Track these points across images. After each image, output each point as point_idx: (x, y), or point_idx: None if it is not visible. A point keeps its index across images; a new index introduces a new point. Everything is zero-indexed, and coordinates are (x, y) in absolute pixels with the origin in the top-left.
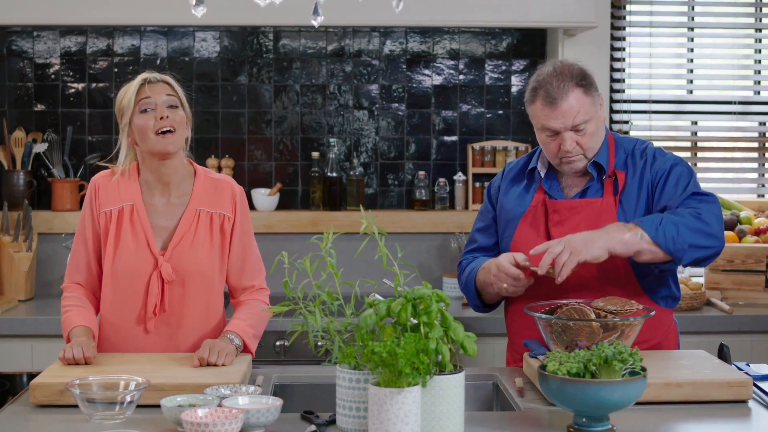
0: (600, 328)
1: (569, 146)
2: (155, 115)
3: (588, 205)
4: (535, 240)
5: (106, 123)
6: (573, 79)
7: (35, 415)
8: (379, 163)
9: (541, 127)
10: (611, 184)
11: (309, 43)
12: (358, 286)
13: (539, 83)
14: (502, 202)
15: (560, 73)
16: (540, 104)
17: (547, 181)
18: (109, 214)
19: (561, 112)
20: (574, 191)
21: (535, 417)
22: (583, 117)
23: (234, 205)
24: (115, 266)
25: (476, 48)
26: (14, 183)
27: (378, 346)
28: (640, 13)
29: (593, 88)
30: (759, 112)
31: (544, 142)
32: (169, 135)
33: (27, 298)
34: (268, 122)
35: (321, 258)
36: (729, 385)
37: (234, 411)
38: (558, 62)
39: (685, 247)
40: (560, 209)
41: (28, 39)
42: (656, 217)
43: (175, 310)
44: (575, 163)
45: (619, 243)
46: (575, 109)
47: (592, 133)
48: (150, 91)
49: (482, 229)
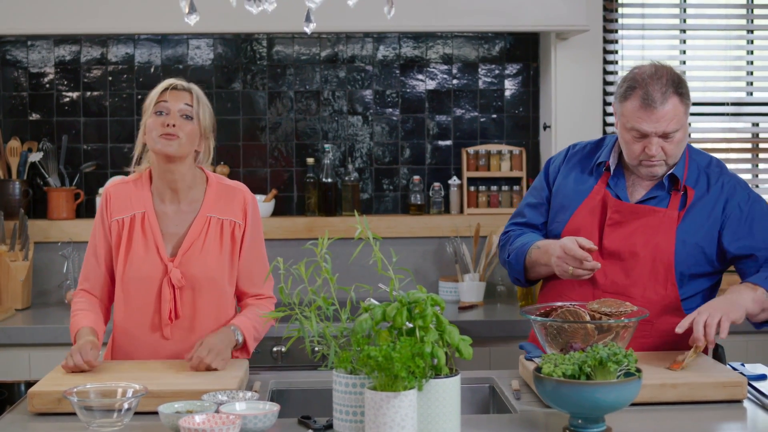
0: (595, 329)
1: (655, 151)
2: (165, 120)
3: (651, 212)
4: (589, 233)
5: (101, 131)
6: (673, 84)
7: (33, 423)
8: (373, 168)
9: (631, 127)
10: (678, 198)
11: (302, 49)
12: (353, 291)
13: (638, 82)
14: (561, 184)
15: (661, 77)
16: (636, 104)
17: (614, 178)
18: (121, 222)
19: (657, 117)
20: (639, 194)
21: (531, 419)
22: (676, 125)
23: (245, 212)
24: (126, 273)
25: (469, 52)
26: (10, 192)
27: (374, 351)
28: (632, 16)
29: (687, 97)
30: (752, 113)
31: (628, 142)
32: (172, 138)
33: (24, 307)
34: (263, 129)
35: (316, 263)
36: (724, 386)
37: (231, 417)
38: (658, 64)
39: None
40: (622, 210)
41: (22, 48)
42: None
43: (188, 315)
44: (656, 167)
45: (752, 302)
46: (671, 116)
47: (679, 140)
48: (169, 96)
49: (534, 205)
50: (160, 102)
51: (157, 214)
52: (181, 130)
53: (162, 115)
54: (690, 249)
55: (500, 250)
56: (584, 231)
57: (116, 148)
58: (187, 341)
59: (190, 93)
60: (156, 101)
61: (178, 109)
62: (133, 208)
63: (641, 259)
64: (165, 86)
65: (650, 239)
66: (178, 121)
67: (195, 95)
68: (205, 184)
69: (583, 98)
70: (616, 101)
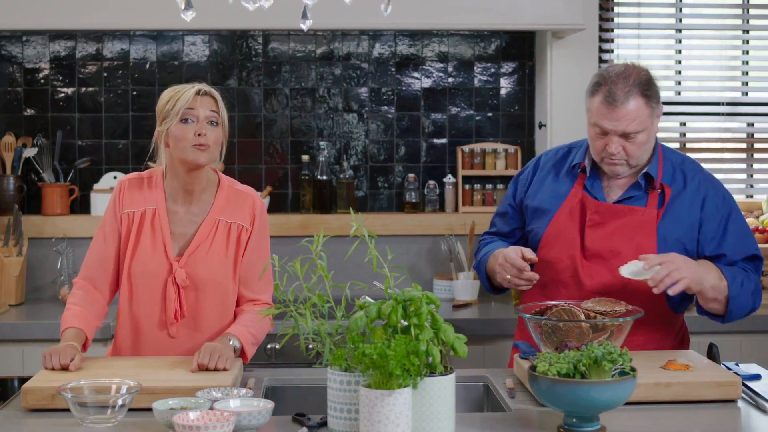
0: (589, 328)
1: (614, 150)
2: (195, 128)
3: (630, 212)
4: (570, 236)
5: (96, 127)
6: (639, 86)
7: (27, 419)
8: (368, 165)
9: (593, 123)
10: (656, 197)
11: (298, 46)
12: (348, 289)
13: (604, 79)
14: (533, 195)
15: (628, 76)
16: (599, 101)
17: (590, 179)
18: (131, 216)
19: (618, 115)
20: (616, 194)
21: (525, 418)
22: (637, 127)
23: (253, 217)
24: (132, 269)
25: (465, 51)
26: (4, 188)
27: (369, 348)
28: (628, 15)
29: (655, 99)
30: (747, 113)
31: (592, 137)
32: (204, 149)
33: (17, 302)
34: (258, 125)
35: (311, 261)
36: (718, 385)
37: (225, 414)
38: (629, 64)
39: (739, 315)
40: (602, 211)
41: (17, 44)
42: (737, 275)
43: (192, 315)
44: (616, 166)
45: (712, 288)
46: (632, 116)
47: (641, 143)
48: (196, 103)
49: (501, 214)
50: (187, 109)
51: (168, 212)
52: (210, 137)
53: (190, 123)
54: (671, 246)
55: None
56: (565, 234)
57: (111, 144)
58: (192, 340)
59: (214, 98)
60: (185, 108)
61: (205, 116)
62: (145, 204)
63: (624, 259)
64: (193, 92)
65: (632, 238)
66: (206, 129)
67: (217, 100)
68: (217, 186)
69: (579, 97)
70: (586, 96)
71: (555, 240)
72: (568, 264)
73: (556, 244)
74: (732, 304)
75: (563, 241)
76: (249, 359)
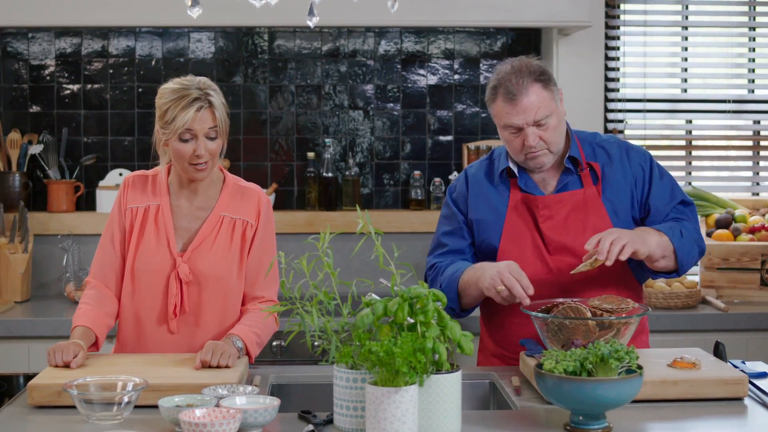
0: (596, 326)
1: (533, 141)
2: (193, 146)
3: (573, 196)
4: (529, 235)
5: (102, 124)
6: (531, 75)
7: (33, 416)
8: (374, 163)
9: (504, 125)
10: (588, 175)
11: (304, 43)
12: (354, 286)
13: (499, 81)
14: (475, 207)
15: (518, 70)
16: (501, 102)
17: (521, 180)
18: (135, 211)
19: (522, 107)
20: (551, 186)
21: (531, 415)
22: (544, 112)
23: (258, 213)
24: (135, 264)
25: (471, 48)
26: (10, 184)
27: (375, 346)
28: (635, 13)
29: (552, 83)
30: (753, 111)
31: (507, 140)
32: (203, 167)
33: (23, 299)
34: (264, 123)
35: (318, 258)
36: (725, 383)
37: (232, 411)
38: (516, 60)
39: (692, 263)
40: (549, 204)
41: (23, 40)
42: (675, 227)
43: (194, 310)
44: (540, 158)
45: (657, 246)
46: (536, 104)
47: (554, 127)
48: (194, 123)
49: (450, 232)
50: (188, 129)
51: (171, 208)
52: (209, 152)
53: (189, 142)
54: (622, 216)
55: (430, 285)
56: (522, 236)
57: (116, 141)
58: (192, 336)
59: (212, 110)
60: (182, 129)
61: (204, 133)
62: (149, 200)
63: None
64: (192, 112)
65: (586, 221)
66: (205, 146)
67: (216, 109)
68: (222, 183)
69: (585, 94)
70: (488, 106)
71: (514, 244)
72: (536, 263)
73: (516, 248)
74: (680, 255)
75: (523, 243)
76: (254, 359)
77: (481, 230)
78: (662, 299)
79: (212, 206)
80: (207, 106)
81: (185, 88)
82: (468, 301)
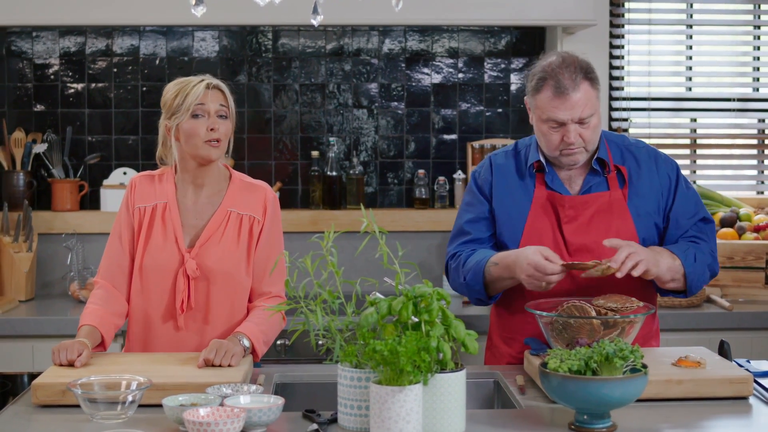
0: (601, 325)
1: (573, 138)
2: (207, 123)
3: (598, 198)
4: (551, 235)
5: (106, 123)
6: (582, 71)
7: (37, 415)
8: (378, 161)
9: (546, 118)
10: (615, 178)
11: (308, 42)
12: (359, 285)
13: (547, 73)
14: (498, 198)
15: (570, 65)
16: (549, 94)
17: (548, 176)
18: (143, 211)
19: (571, 103)
20: (577, 185)
21: (536, 414)
22: (590, 110)
23: (265, 208)
24: (144, 261)
25: (475, 46)
26: (14, 183)
27: (379, 345)
28: (639, 11)
29: (597, 82)
30: (758, 109)
31: (545, 133)
32: (217, 144)
33: (27, 298)
34: (268, 121)
35: (322, 257)
36: (730, 382)
37: (236, 410)
38: (564, 53)
39: (700, 286)
40: (575, 204)
41: (27, 39)
42: (689, 250)
43: (201, 307)
44: (576, 155)
45: (668, 270)
46: (583, 101)
47: (595, 126)
48: (205, 98)
49: (474, 220)
50: (200, 105)
51: (179, 205)
52: (221, 132)
53: (201, 118)
54: (644, 220)
55: (452, 274)
56: (544, 234)
57: (121, 140)
58: (201, 333)
59: (222, 92)
60: (195, 103)
61: (216, 110)
62: (156, 199)
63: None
64: (203, 87)
65: (609, 224)
66: (217, 123)
67: (226, 93)
68: (228, 180)
69: None
70: (529, 96)
71: (538, 239)
72: None
73: (539, 243)
74: (690, 280)
75: (544, 242)
76: (260, 358)
77: (502, 224)
78: (667, 298)
79: (219, 202)
80: (216, 87)
81: (191, 78)
82: (496, 293)
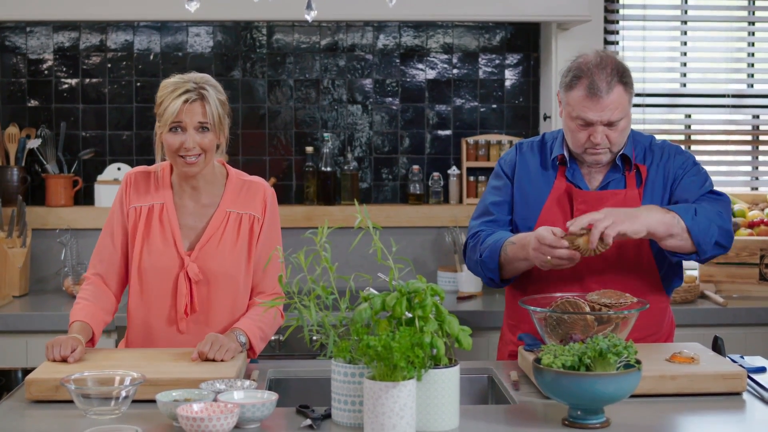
0: (594, 321)
1: (599, 139)
2: (182, 139)
3: (614, 195)
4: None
5: (100, 118)
6: (618, 74)
7: (30, 410)
8: (373, 157)
9: (576, 116)
10: (633, 177)
11: (302, 37)
12: (352, 281)
13: (583, 72)
14: (520, 181)
15: (606, 66)
16: (582, 93)
17: (570, 169)
18: (138, 210)
19: (603, 105)
20: (597, 181)
21: (530, 410)
22: (620, 114)
23: (264, 206)
24: (143, 264)
25: (470, 42)
26: (8, 179)
27: (373, 340)
28: (634, 7)
29: (631, 86)
30: (752, 105)
31: (572, 130)
32: (193, 160)
33: (21, 294)
34: (262, 117)
35: (315, 252)
36: (723, 378)
37: (229, 405)
38: (603, 53)
39: (712, 243)
40: (588, 200)
41: (21, 35)
42: (689, 207)
43: (203, 309)
44: (600, 155)
45: (659, 223)
46: (615, 105)
47: (623, 129)
48: (181, 115)
49: (499, 203)
50: (177, 121)
51: (176, 206)
52: (200, 145)
53: (178, 134)
54: None
55: (469, 251)
56: (556, 225)
57: (115, 136)
58: (202, 335)
59: (203, 103)
60: (171, 120)
61: (194, 126)
62: (152, 198)
63: (615, 242)
64: (180, 103)
65: None
66: (195, 138)
67: (208, 103)
68: (225, 178)
69: None
70: (562, 90)
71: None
72: None
73: None
74: (694, 235)
75: None
76: (257, 354)
77: (518, 206)
78: None
79: (217, 203)
80: (197, 99)
81: (183, 81)
82: (510, 275)
